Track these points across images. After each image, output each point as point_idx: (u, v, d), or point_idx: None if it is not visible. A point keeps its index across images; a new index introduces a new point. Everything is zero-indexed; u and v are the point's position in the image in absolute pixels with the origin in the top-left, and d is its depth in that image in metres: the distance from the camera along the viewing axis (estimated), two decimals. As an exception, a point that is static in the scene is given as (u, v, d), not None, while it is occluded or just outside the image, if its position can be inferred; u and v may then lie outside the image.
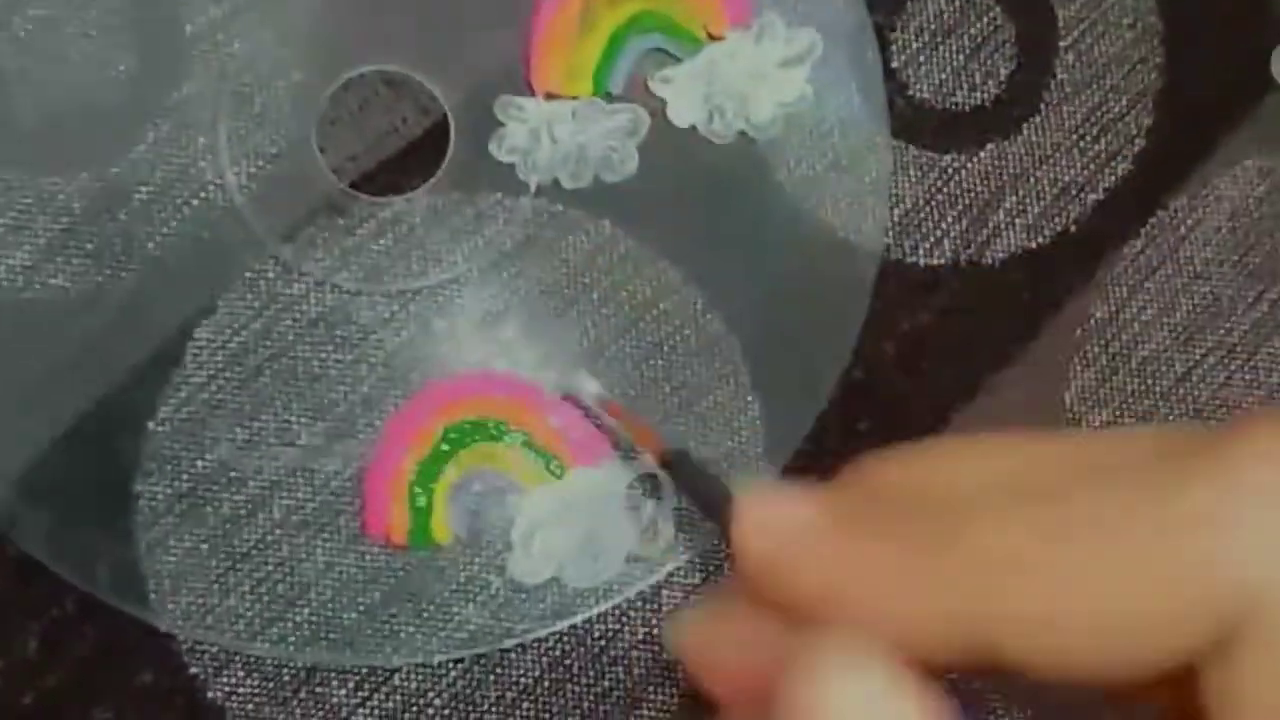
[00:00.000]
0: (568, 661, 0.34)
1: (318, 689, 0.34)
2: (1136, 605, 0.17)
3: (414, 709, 0.34)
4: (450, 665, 0.34)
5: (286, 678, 0.34)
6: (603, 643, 0.35)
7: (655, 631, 0.35)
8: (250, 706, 0.33)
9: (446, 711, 0.34)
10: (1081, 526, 0.18)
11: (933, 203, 0.38)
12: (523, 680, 0.34)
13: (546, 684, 0.34)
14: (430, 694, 0.34)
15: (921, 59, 0.39)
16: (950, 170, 0.38)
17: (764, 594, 0.20)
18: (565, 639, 0.34)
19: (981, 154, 0.38)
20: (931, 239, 0.38)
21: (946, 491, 0.19)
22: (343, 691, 0.34)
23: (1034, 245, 0.38)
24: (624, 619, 0.35)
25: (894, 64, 0.38)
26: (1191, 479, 0.18)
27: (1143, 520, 0.18)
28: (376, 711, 0.34)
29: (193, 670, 0.33)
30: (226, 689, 0.33)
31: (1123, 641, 0.18)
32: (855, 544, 0.19)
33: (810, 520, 0.19)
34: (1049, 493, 0.18)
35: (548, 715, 0.34)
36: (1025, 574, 0.18)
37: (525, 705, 0.34)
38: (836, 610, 0.19)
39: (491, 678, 0.34)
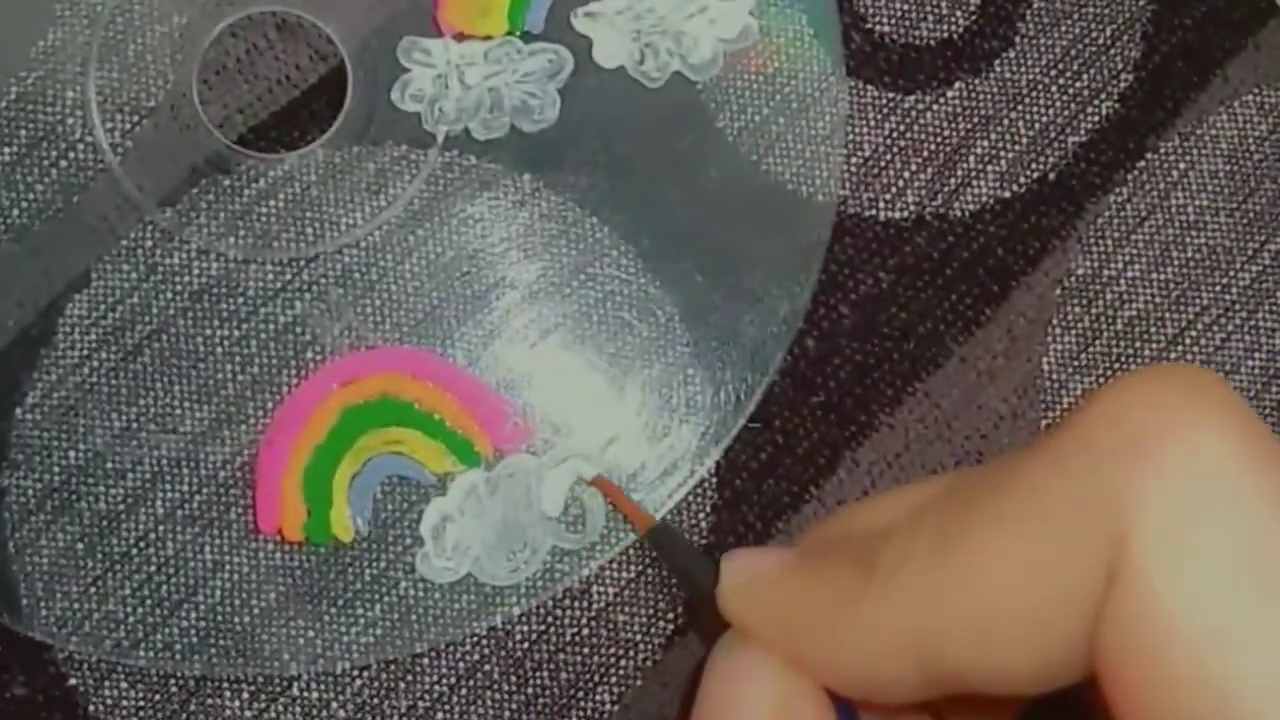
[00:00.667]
0: (486, 667, 0.31)
1: (209, 701, 0.30)
2: (1033, 581, 0.19)
3: (316, 722, 0.31)
4: (355, 673, 0.31)
5: (174, 689, 0.30)
6: (525, 646, 0.31)
7: (585, 632, 0.31)
8: (135, 721, 0.30)
9: (352, 724, 0.31)
10: (968, 525, 0.20)
11: (894, 149, 0.34)
12: (436, 689, 0.31)
13: (463, 692, 0.31)
14: (333, 704, 0.31)
15: (881, -12, 0.35)
16: (914, 112, 0.34)
17: (749, 636, 0.23)
18: (483, 643, 0.31)
19: (949, 93, 0.35)
20: (893, 190, 0.34)
21: (871, 529, 0.22)
22: (236, 703, 0.31)
23: (1008, 195, 0.34)
24: (549, 619, 0.31)
25: (850, -6, 0.35)
26: (1052, 458, 0.19)
27: (1020, 504, 0.19)
28: (275, 725, 0.31)
29: (71, 682, 0.30)
30: (109, 702, 0.30)
31: (1036, 624, 0.19)
32: (804, 583, 0.22)
33: (774, 569, 0.23)
34: (941, 507, 0.21)
35: (464, 726, 0.31)
36: (933, 578, 0.20)
37: (439, 716, 0.31)
38: (799, 644, 0.22)
39: (401, 686, 0.31)
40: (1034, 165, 0.34)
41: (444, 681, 0.31)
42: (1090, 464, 0.19)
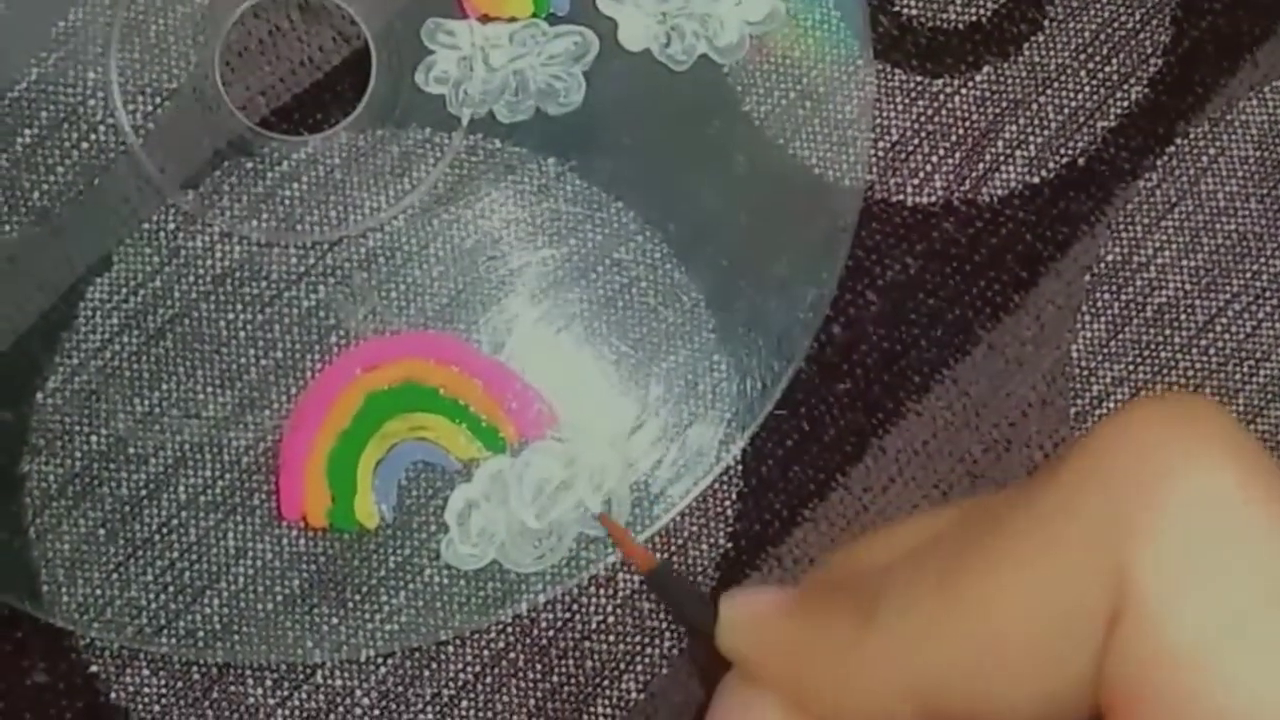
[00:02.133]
0: (511, 655, 0.31)
1: (231, 688, 0.30)
2: (1036, 616, 0.18)
3: (339, 709, 0.30)
4: (379, 661, 0.31)
5: (196, 676, 0.30)
6: (551, 633, 0.31)
7: (610, 620, 0.31)
8: (157, 708, 0.30)
9: (376, 712, 0.30)
10: (971, 563, 0.19)
11: (922, 134, 0.34)
12: (461, 676, 0.31)
13: (488, 680, 0.31)
14: (357, 692, 0.30)
15: (908, -29, 0.34)
16: (941, 97, 0.34)
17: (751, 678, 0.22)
18: (508, 630, 0.31)
19: (977, 77, 0.34)
20: (920, 175, 0.34)
21: (874, 567, 0.21)
22: (259, 691, 0.30)
23: (1036, 180, 0.34)
24: (574, 606, 0.31)
25: (877, -23, 0.34)
26: (1055, 490, 0.19)
27: (1023, 539, 0.19)
28: (298, 712, 0.30)
29: (92, 669, 0.30)
30: (130, 689, 0.30)
31: (1039, 660, 0.19)
32: (805, 623, 0.22)
33: (774, 610, 0.22)
34: (944, 546, 0.20)
35: (489, 715, 0.31)
36: (936, 618, 0.19)
37: (464, 704, 0.31)
38: (801, 685, 0.21)
39: (426, 674, 0.31)
40: (1063, 150, 0.34)
41: (469, 669, 0.31)
42: (1094, 499, 0.18)
